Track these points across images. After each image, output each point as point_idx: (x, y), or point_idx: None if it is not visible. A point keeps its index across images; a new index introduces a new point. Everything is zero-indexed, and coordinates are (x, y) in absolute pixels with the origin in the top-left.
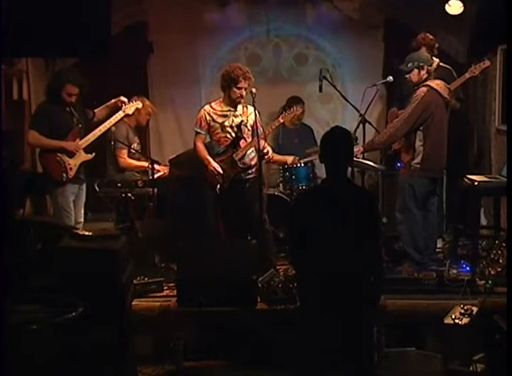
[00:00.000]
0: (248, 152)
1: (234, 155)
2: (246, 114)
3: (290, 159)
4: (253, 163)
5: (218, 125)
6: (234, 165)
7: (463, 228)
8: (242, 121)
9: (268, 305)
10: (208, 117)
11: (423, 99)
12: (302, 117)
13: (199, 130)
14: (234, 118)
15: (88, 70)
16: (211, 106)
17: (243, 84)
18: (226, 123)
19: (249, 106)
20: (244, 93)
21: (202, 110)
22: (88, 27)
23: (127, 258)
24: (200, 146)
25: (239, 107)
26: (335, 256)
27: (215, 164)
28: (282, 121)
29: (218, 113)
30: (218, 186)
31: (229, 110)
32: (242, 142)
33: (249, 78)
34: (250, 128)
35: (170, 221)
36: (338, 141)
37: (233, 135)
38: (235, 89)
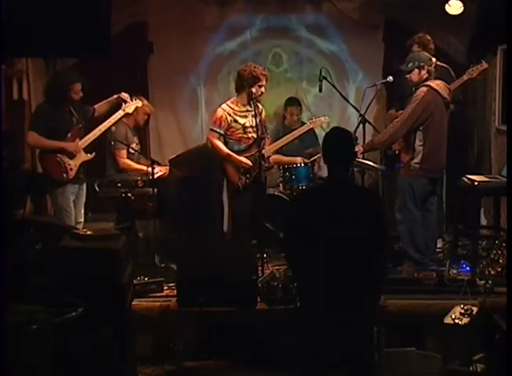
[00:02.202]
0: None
1: (258, 154)
2: (260, 112)
3: (298, 160)
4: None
5: (239, 126)
6: (257, 164)
7: (463, 228)
8: (260, 119)
9: (268, 305)
10: (229, 118)
11: (423, 99)
12: (301, 117)
13: (218, 129)
14: (253, 118)
15: (87, 70)
16: (230, 106)
17: (263, 81)
18: (247, 123)
19: (258, 105)
20: (264, 91)
21: (221, 110)
22: (88, 27)
23: (127, 258)
24: (219, 144)
25: (253, 106)
26: (336, 255)
27: (243, 158)
28: (311, 126)
29: (239, 113)
30: (240, 182)
31: (247, 110)
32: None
33: (267, 76)
34: (265, 126)
35: (170, 221)
36: (339, 141)
37: (254, 134)
38: (257, 87)
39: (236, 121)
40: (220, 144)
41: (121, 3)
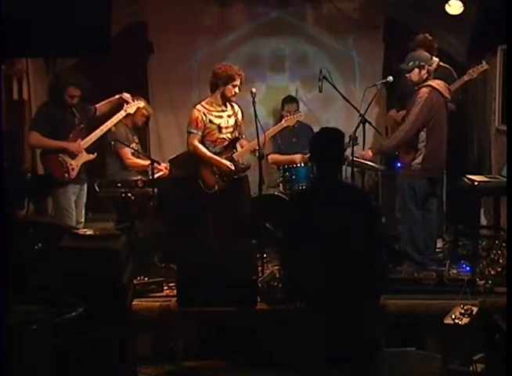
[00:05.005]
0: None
1: (234, 155)
2: (235, 112)
3: (297, 157)
4: (251, 163)
5: (215, 127)
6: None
7: (463, 228)
8: (236, 120)
9: (268, 305)
10: (205, 118)
11: (427, 99)
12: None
13: (195, 131)
14: (228, 118)
15: (88, 70)
16: (204, 107)
17: (237, 81)
18: (223, 124)
19: (234, 105)
20: (238, 91)
21: (196, 111)
22: (88, 26)
23: (127, 258)
24: (200, 146)
25: (229, 106)
26: (332, 257)
27: (227, 162)
28: (285, 124)
29: (214, 113)
30: (216, 185)
31: (222, 111)
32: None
33: (242, 76)
34: (242, 127)
35: (170, 221)
36: (326, 142)
37: (229, 135)
38: (230, 87)
39: (211, 121)
40: (201, 146)
41: (121, 3)
